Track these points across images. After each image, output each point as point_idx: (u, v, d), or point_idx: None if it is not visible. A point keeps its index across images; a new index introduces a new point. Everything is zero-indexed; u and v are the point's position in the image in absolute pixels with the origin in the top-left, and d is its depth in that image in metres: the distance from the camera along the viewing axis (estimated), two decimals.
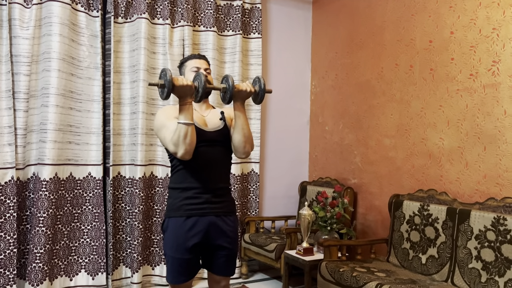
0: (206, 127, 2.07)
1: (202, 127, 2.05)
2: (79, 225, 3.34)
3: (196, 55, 2.21)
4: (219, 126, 2.10)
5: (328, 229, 3.22)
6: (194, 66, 2.13)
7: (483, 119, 2.70)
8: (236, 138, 2.03)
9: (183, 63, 2.19)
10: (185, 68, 2.17)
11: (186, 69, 2.15)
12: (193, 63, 2.14)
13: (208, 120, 2.11)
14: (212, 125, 2.09)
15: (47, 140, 3.12)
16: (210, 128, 2.07)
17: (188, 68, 2.14)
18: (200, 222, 1.99)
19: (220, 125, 2.10)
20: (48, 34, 3.13)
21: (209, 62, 2.23)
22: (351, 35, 3.83)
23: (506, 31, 2.57)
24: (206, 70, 2.14)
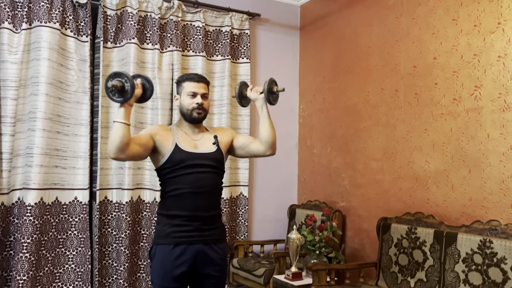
0: (197, 150, 2.06)
1: (190, 149, 2.04)
2: (64, 251, 3.28)
3: (195, 77, 2.12)
4: (211, 149, 2.09)
5: (317, 253, 3.20)
6: (191, 91, 2.08)
7: (467, 142, 2.74)
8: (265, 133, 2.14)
9: (181, 83, 2.13)
10: (182, 89, 2.11)
11: (182, 91, 2.11)
12: (191, 87, 2.08)
13: (199, 144, 2.10)
14: (203, 148, 2.08)
15: (33, 165, 3.09)
16: (200, 151, 2.06)
17: (185, 91, 2.10)
18: (188, 250, 1.96)
19: (213, 149, 2.09)
20: (37, 59, 3.14)
21: (208, 84, 2.17)
22: (337, 60, 3.90)
23: (487, 57, 2.64)
24: (203, 96, 2.09)
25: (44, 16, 3.16)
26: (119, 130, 1.83)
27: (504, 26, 2.56)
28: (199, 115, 2.09)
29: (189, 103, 2.08)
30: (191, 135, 2.11)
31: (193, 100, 2.08)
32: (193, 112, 2.08)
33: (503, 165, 2.53)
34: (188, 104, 2.08)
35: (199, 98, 2.08)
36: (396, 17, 3.29)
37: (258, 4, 4.16)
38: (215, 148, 2.09)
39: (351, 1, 3.74)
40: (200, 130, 2.16)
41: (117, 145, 1.83)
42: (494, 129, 2.59)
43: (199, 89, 2.09)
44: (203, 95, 2.10)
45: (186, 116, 2.10)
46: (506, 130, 2.53)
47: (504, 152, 2.53)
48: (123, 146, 1.84)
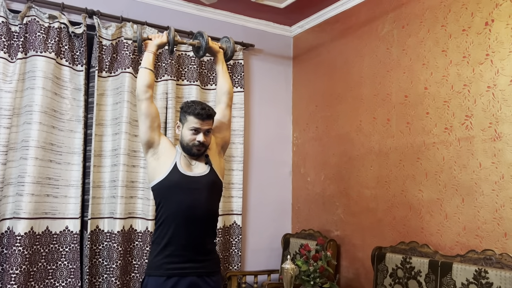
0: (191, 172, 2.06)
1: (186, 172, 2.04)
2: (53, 282, 3.21)
3: (202, 113, 2.05)
4: (205, 171, 2.08)
5: (311, 284, 3.15)
6: (193, 127, 2.04)
7: (460, 171, 2.76)
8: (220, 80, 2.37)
9: (185, 114, 2.09)
10: (185, 121, 2.08)
11: (186, 123, 2.07)
12: (194, 123, 2.04)
13: (194, 167, 2.10)
14: (198, 171, 2.08)
15: (24, 193, 3.06)
16: (195, 173, 2.06)
17: (187, 125, 2.06)
18: (181, 283, 1.93)
19: (206, 170, 2.09)
20: (31, 88, 3.15)
21: (214, 117, 2.15)
22: (330, 90, 3.95)
23: (476, 87, 2.69)
24: (206, 133, 2.06)
25: (40, 46, 3.19)
26: (144, 74, 2.16)
27: (492, 57, 2.62)
28: (198, 152, 2.09)
29: (190, 139, 2.06)
30: (189, 159, 2.12)
31: (195, 137, 2.05)
32: (193, 148, 2.08)
33: (496, 194, 2.54)
34: (189, 140, 2.06)
35: (201, 136, 2.05)
36: (387, 48, 3.36)
37: (252, 35, 4.24)
38: (208, 169, 2.08)
39: (343, 32, 3.83)
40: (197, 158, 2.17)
41: (142, 83, 2.13)
42: (486, 158, 2.61)
43: (203, 126, 2.06)
44: (206, 131, 2.07)
45: (185, 149, 2.10)
46: (497, 159, 2.55)
47: (497, 181, 2.55)
48: (146, 87, 2.12)
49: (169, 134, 3.60)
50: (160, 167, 2.03)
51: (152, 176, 2.07)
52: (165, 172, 2.01)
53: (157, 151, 2.07)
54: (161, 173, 2.01)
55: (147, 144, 2.10)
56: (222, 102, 2.33)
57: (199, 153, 2.09)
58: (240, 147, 3.99)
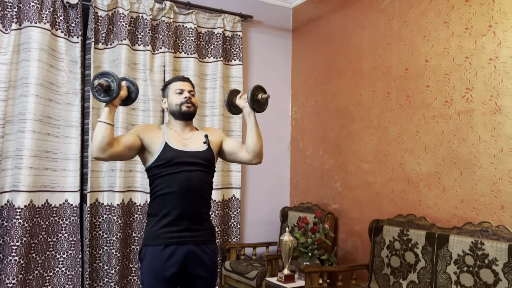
0: (186, 148, 2.05)
1: (180, 147, 2.03)
2: (54, 254, 3.24)
3: (180, 77, 2.21)
4: (202, 148, 2.08)
5: (309, 256, 3.19)
6: (178, 88, 2.13)
7: (459, 144, 2.76)
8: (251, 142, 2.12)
9: (167, 86, 2.19)
10: (168, 90, 2.17)
11: (169, 91, 2.15)
12: (177, 85, 2.14)
13: (189, 142, 2.10)
14: (193, 146, 2.08)
15: (22, 167, 3.05)
16: (190, 149, 2.05)
17: (171, 90, 2.15)
18: (178, 251, 1.95)
19: (203, 148, 2.09)
20: (27, 60, 3.10)
21: (193, 85, 2.23)
22: (329, 63, 3.91)
23: (478, 60, 2.66)
24: (190, 92, 2.14)
25: (34, 16, 3.13)
26: (102, 130, 1.88)
27: (495, 29, 2.58)
28: (189, 109, 2.10)
29: (177, 99, 2.12)
30: (181, 133, 2.12)
31: (181, 96, 2.12)
32: (182, 107, 2.09)
33: (494, 167, 2.55)
34: (177, 100, 2.11)
35: (187, 93, 2.12)
36: (388, 19, 3.31)
37: (251, 6, 4.16)
38: (205, 147, 2.09)
39: (343, 3, 3.76)
40: (191, 129, 2.17)
41: (98, 144, 1.87)
42: (485, 131, 2.61)
43: (185, 86, 2.15)
44: (189, 91, 2.15)
45: (176, 113, 2.11)
46: (497, 132, 2.54)
47: (495, 154, 2.55)
48: (105, 146, 1.88)
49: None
50: (151, 151, 2.02)
51: (145, 160, 2.07)
52: (157, 152, 2.01)
53: (145, 145, 2.04)
54: (153, 154, 2.01)
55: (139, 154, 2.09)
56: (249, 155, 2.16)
57: (190, 110, 2.10)
58: (239, 121, 3.97)
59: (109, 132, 1.88)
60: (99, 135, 1.87)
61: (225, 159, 2.27)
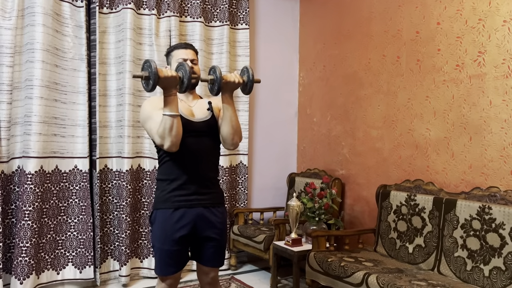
0: (193, 117, 2.05)
1: (189, 117, 2.03)
2: (65, 219, 3.31)
3: (183, 44, 2.16)
4: (207, 117, 2.08)
5: (316, 220, 3.23)
6: (180, 57, 2.09)
7: (469, 109, 2.72)
8: (225, 130, 2.02)
9: (170, 53, 2.16)
10: (171, 58, 2.14)
11: (172, 59, 2.12)
12: (180, 54, 2.11)
13: (195, 110, 2.09)
14: (199, 115, 2.08)
15: (31, 133, 3.07)
16: (197, 119, 2.06)
17: (174, 59, 2.11)
18: (188, 214, 1.98)
19: (208, 116, 2.09)
20: (31, 25, 3.06)
21: (196, 52, 2.19)
22: (338, 26, 3.82)
23: (492, 22, 2.59)
24: (192, 61, 2.11)
25: None
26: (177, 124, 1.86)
27: None
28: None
29: None
30: (186, 101, 2.11)
31: None
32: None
33: (505, 132, 2.52)
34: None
35: (189, 63, 2.08)
36: None
37: None
38: (210, 115, 2.09)
39: None
40: (194, 97, 2.16)
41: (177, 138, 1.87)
42: (497, 95, 2.57)
43: (188, 55, 2.11)
44: (192, 60, 2.11)
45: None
46: (509, 97, 2.50)
47: (506, 119, 2.52)
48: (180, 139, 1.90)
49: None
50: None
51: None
52: None
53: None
54: None
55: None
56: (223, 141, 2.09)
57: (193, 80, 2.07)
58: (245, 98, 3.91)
59: (178, 123, 1.87)
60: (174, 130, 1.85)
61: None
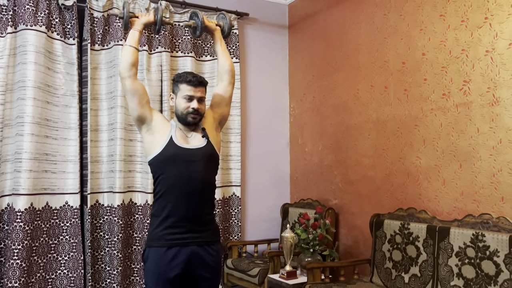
0: (188, 145, 2.05)
1: (183, 144, 2.03)
2: (55, 256, 3.24)
3: (193, 81, 2.07)
4: (202, 144, 2.07)
5: (311, 251, 3.20)
6: (187, 94, 2.05)
7: (458, 137, 2.76)
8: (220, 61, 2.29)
9: (177, 83, 2.10)
10: (178, 90, 2.08)
11: (179, 92, 2.08)
12: (188, 90, 2.05)
13: (191, 140, 2.09)
14: (195, 143, 2.07)
15: (22, 170, 3.05)
16: (192, 146, 2.05)
17: (181, 92, 2.06)
18: (181, 253, 1.95)
19: (203, 143, 2.08)
20: (23, 63, 3.10)
21: (206, 86, 2.14)
22: (326, 58, 3.90)
23: (475, 52, 2.66)
24: (199, 100, 2.06)
25: (30, 19, 3.12)
26: (129, 51, 2.09)
27: (491, 20, 2.57)
28: (193, 120, 2.08)
29: (184, 107, 2.06)
30: (185, 131, 2.11)
31: (189, 104, 2.05)
32: (187, 117, 2.06)
33: (493, 158, 2.55)
34: (184, 108, 2.06)
35: (195, 103, 2.05)
36: (384, 13, 3.30)
37: (246, 4, 4.15)
38: (205, 142, 2.07)
39: None
40: (194, 130, 2.15)
41: (125, 62, 2.06)
42: (484, 123, 2.61)
43: (196, 93, 2.06)
44: (199, 98, 2.07)
45: (181, 119, 2.09)
46: (495, 124, 2.55)
47: (494, 146, 2.55)
48: (130, 65, 2.06)
49: (165, 106, 3.57)
50: (156, 141, 2.02)
51: (148, 151, 2.06)
52: (161, 146, 2.01)
53: (151, 126, 2.05)
54: (157, 147, 2.01)
55: (139, 121, 2.08)
56: (224, 80, 2.27)
57: (195, 121, 2.08)
58: (237, 118, 3.97)
59: (134, 53, 2.09)
60: (125, 55, 2.08)
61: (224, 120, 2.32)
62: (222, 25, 2.37)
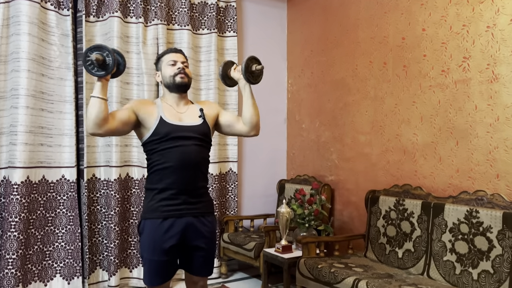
0: (181, 122, 2.04)
1: (175, 122, 2.02)
2: (53, 229, 3.26)
3: (173, 49, 2.17)
4: (197, 122, 2.06)
5: (306, 226, 3.23)
6: (170, 60, 2.09)
7: (455, 114, 2.75)
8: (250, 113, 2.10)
9: (160, 59, 2.15)
10: (161, 63, 2.13)
11: (162, 64, 2.12)
12: (170, 57, 2.11)
13: (184, 116, 2.07)
14: (189, 120, 2.06)
15: (17, 143, 3.04)
16: (185, 123, 2.04)
17: (164, 63, 2.11)
18: (177, 224, 1.96)
19: (198, 122, 2.07)
20: (17, 34, 3.04)
21: (186, 56, 2.19)
22: (325, 33, 3.85)
23: (476, 27, 2.63)
24: (183, 63, 2.11)
25: None
26: (96, 105, 1.83)
27: None
28: (183, 79, 2.07)
29: (171, 70, 2.09)
30: (176, 107, 2.09)
31: (174, 67, 2.09)
32: (176, 78, 2.06)
33: (490, 136, 2.55)
34: (170, 71, 2.08)
35: (180, 64, 2.10)
36: None
37: None
38: (201, 121, 2.07)
39: None
40: (186, 103, 2.14)
41: (94, 120, 1.83)
42: (482, 100, 2.60)
43: (179, 58, 2.12)
44: (182, 62, 2.11)
45: (171, 86, 2.08)
46: (493, 101, 2.54)
47: (491, 123, 2.55)
48: (100, 121, 1.84)
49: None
50: (147, 125, 2.01)
51: (141, 134, 2.05)
52: (153, 127, 1.99)
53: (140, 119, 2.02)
54: (149, 129, 2.00)
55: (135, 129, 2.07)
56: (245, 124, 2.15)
57: (184, 81, 2.07)
58: (234, 94, 3.93)
59: (104, 107, 1.84)
60: (94, 110, 1.82)
61: (222, 132, 2.25)
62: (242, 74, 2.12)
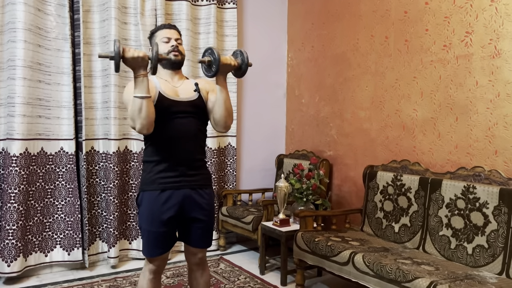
0: (178, 97, 2.03)
1: (173, 97, 2.01)
2: (52, 201, 3.28)
3: (166, 25, 2.13)
4: (193, 97, 2.06)
5: (304, 201, 3.25)
6: (164, 37, 2.06)
7: (456, 90, 2.73)
8: (218, 112, 1.99)
9: (153, 34, 2.12)
10: (155, 39, 2.10)
11: (156, 39, 2.09)
12: (164, 33, 2.07)
13: (180, 91, 2.06)
14: (185, 95, 2.05)
15: (15, 114, 3.02)
16: (182, 98, 2.03)
17: (158, 39, 2.08)
18: (175, 195, 1.97)
19: (194, 96, 2.06)
20: (12, 3, 2.98)
21: (180, 32, 2.16)
22: (327, 6, 3.78)
23: (479, 1, 2.58)
24: (177, 41, 2.08)
25: None
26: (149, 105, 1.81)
27: None
28: (176, 57, 2.05)
29: (164, 47, 2.05)
30: (171, 82, 2.08)
31: (168, 44, 2.06)
32: (169, 55, 2.03)
33: (490, 112, 2.54)
34: (164, 48, 2.05)
35: (174, 42, 2.06)
36: None
37: None
38: (196, 95, 2.06)
39: None
40: (180, 77, 2.12)
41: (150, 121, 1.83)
42: (483, 76, 2.57)
43: (172, 34, 2.08)
44: (176, 39, 2.08)
45: (164, 62, 2.06)
46: (495, 77, 2.51)
47: (492, 99, 2.53)
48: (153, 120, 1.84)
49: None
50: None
51: None
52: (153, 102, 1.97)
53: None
54: None
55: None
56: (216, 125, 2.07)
57: (177, 58, 2.06)
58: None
59: (149, 105, 1.81)
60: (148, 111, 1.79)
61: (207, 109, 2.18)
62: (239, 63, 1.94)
